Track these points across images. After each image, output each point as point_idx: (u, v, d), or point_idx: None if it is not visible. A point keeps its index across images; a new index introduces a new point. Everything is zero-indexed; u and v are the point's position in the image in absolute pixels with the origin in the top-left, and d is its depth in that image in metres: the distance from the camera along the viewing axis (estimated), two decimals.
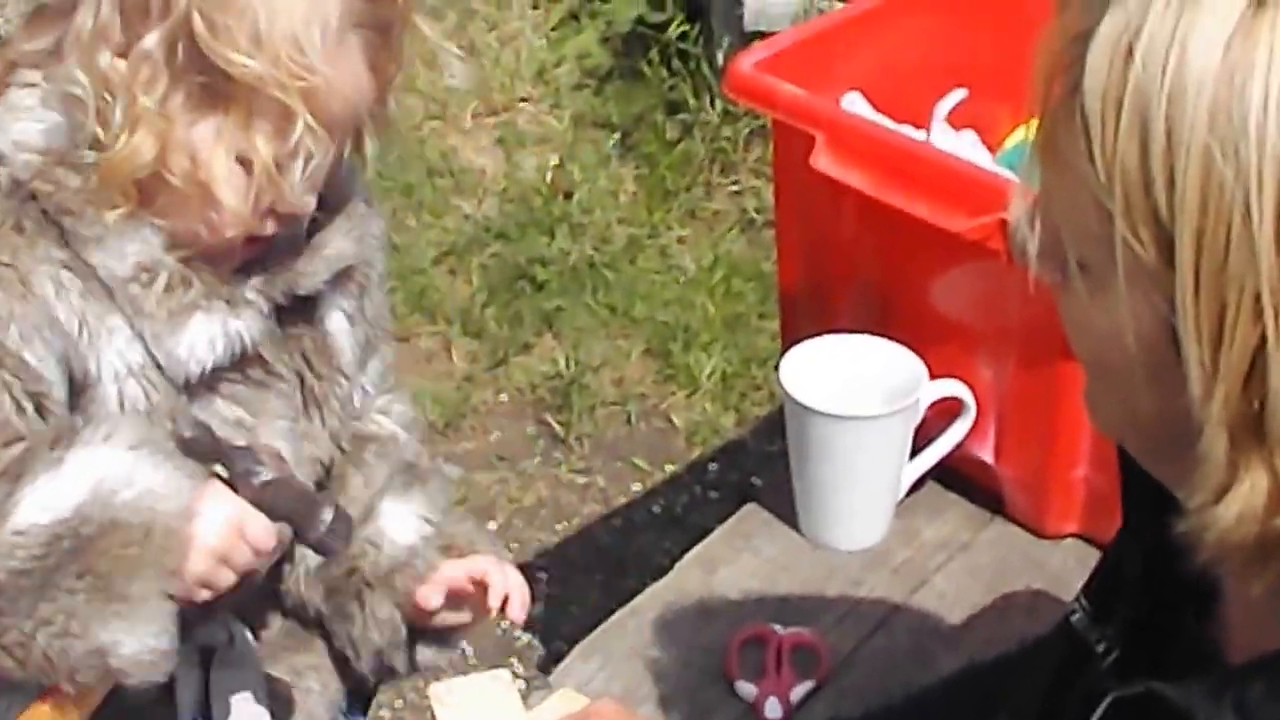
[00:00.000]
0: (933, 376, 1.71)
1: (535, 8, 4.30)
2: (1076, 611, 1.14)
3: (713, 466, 3.06)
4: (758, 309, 3.31)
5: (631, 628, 1.66)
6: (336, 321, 1.49)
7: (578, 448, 3.11)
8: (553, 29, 4.20)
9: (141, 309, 1.34)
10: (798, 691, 1.57)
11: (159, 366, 1.36)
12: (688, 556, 1.76)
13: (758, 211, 3.58)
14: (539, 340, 3.34)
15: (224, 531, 1.30)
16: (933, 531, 1.77)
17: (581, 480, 3.05)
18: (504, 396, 3.24)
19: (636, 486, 3.04)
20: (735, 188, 3.68)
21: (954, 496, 1.81)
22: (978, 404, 1.73)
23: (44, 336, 1.32)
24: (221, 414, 1.41)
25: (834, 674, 1.60)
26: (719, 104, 3.69)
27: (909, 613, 1.68)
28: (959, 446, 1.75)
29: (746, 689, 1.57)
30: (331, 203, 1.43)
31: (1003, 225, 1.56)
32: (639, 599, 1.70)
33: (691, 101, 3.72)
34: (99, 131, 1.32)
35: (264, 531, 1.33)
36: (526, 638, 2.75)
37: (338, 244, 1.45)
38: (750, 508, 1.80)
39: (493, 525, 2.96)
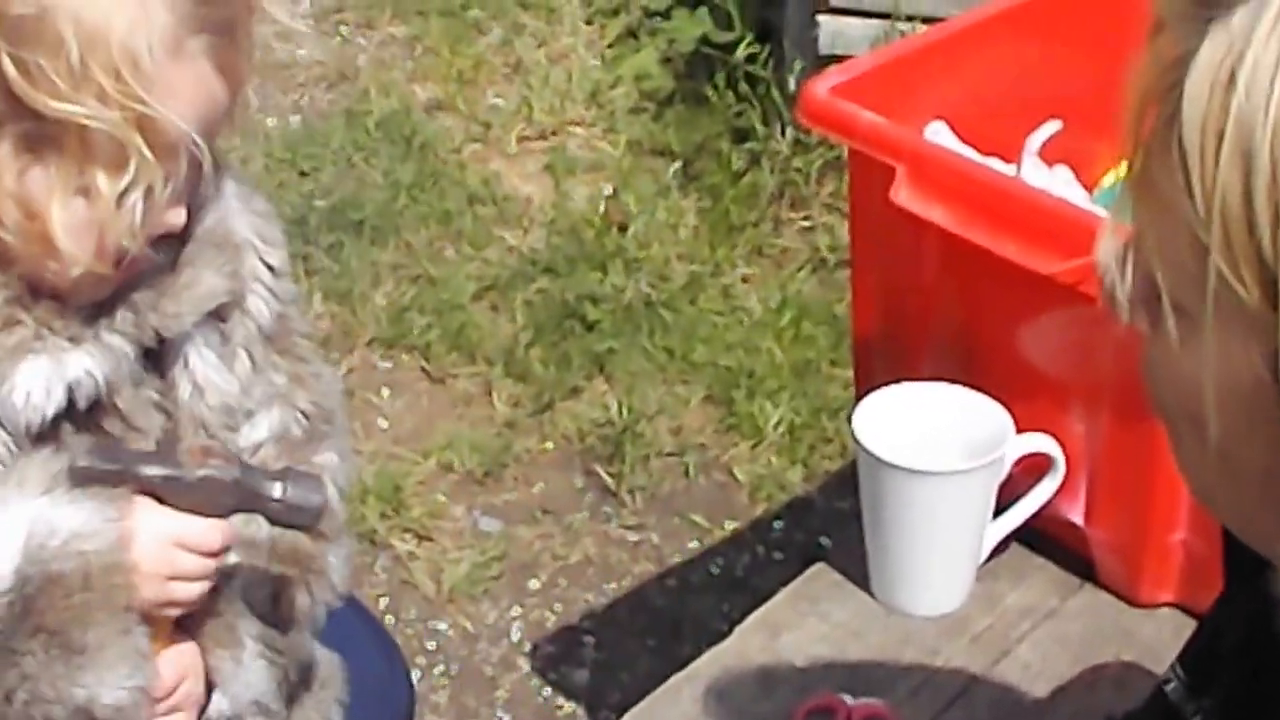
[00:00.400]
0: (1019, 430, 1.74)
1: (589, 23, 4.37)
2: (1171, 681, 1.18)
3: (777, 525, 3.10)
4: (829, 355, 3.35)
5: (686, 695, 1.70)
6: (206, 367, 1.51)
7: (630, 501, 3.16)
8: (609, 46, 4.27)
9: None
10: None
11: None
12: (749, 620, 1.79)
13: (831, 250, 3.63)
14: (588, 384, 3.39)
15: (161, 550, 1.36)
16: (1016, 597, 1.80)
17: (633, 537, 3.10)
18: (549, 444, 3.29)
19: (694, 545, 3.09)
20: (806, 224, 3.73)
21: (1040, 560, 1.84)
22: (1068, 461, 1.75)
23: None
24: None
25: None
26: (790, 132, 3.75)
27: (989, 685, 1.71)
28: (1046, 506, 1.78)
29: None
30: (197, 225, 1.46)
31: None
32: (695, 664, 1.73)
33: (760, 129, 3.77)
34: None
35: (204, 534, 1.39)
36: (571, 706, 2.79)
37: (208, 281, 1.47)
38: (818, 568, 1.84)
39: (535, 584, 3.01)
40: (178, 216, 1.41)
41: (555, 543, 3.09)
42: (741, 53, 3.84)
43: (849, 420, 1.75)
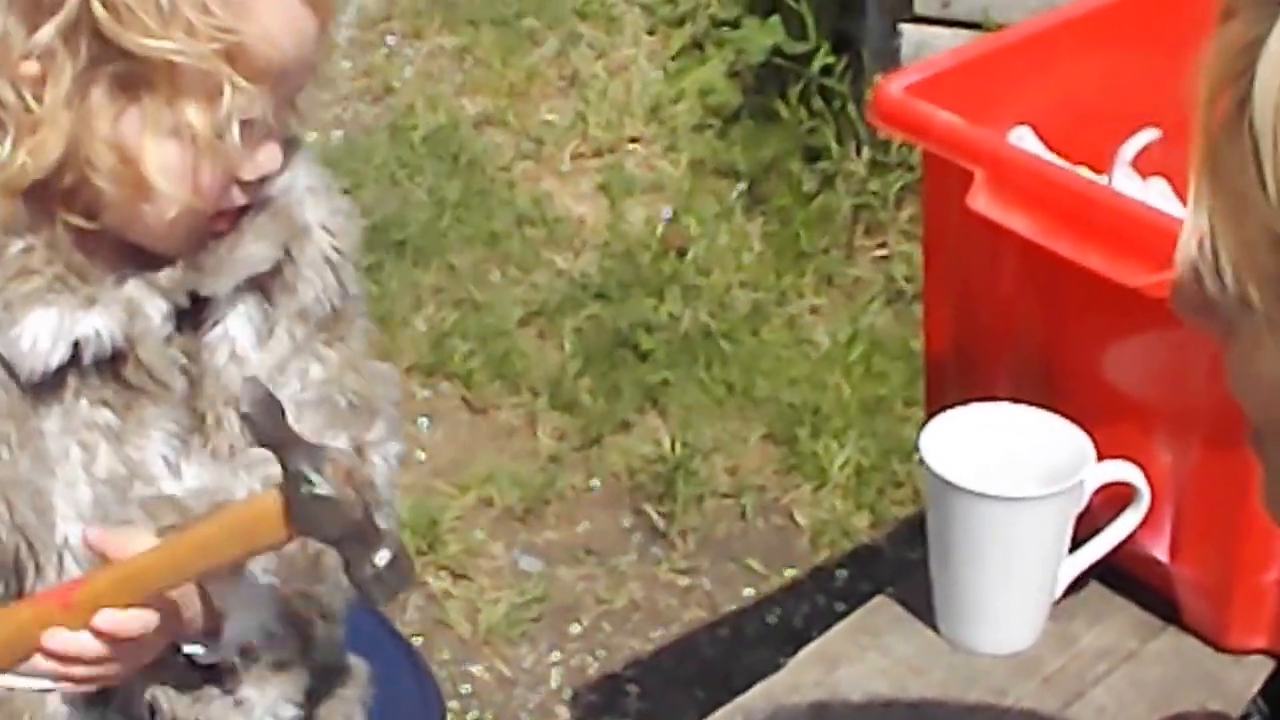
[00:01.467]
0: (1100, 458, 1.77)
1: (651, 34, 4.43)
2: (1252, 716, 1.21)
3: (840, 573, 3.14)
4: (902, 393, 3.40)
5: None
6: (242, 334, 1.59)
7: (681, 544, 3.20)
8: (672, 58, 4.33)
9: None
10: None
11: (2, 357, 1.49)
12: (805, 651, 1.83)
13: (907, 280, 3.68)
14: (640, 418, 3.44)
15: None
16: (1093, 638, 1.83)
17: (684, 581, 3.14)
18: (596, 481, 3.34)
19: (749, 592, 3.13)
20: (882, 252, 3.78)
21: (1120, 600, 1.87)
22: (1153, 491, 1.79)
23: None
24: (83, 415, 1.52)
25: None
26: (867, 151, 3.80)
27: None
28: (1128, 540, 1.81)
29: None
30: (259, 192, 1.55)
31: None
32: (746, 696, 1.78)
33: (834, 148, 3.83)
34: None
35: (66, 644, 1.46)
36: None
37: (250, 247, 1.56)
38: (880, 600, 1.88)
39: (577, 628, 3.06)
40: (272, 157, 1.52)
41: (599, 585, 3.13)
42: (817, 65, 3.89)
43: (917, 446, 1.79)
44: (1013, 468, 1.77)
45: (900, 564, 3.10)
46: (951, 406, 1.82)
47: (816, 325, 3.62)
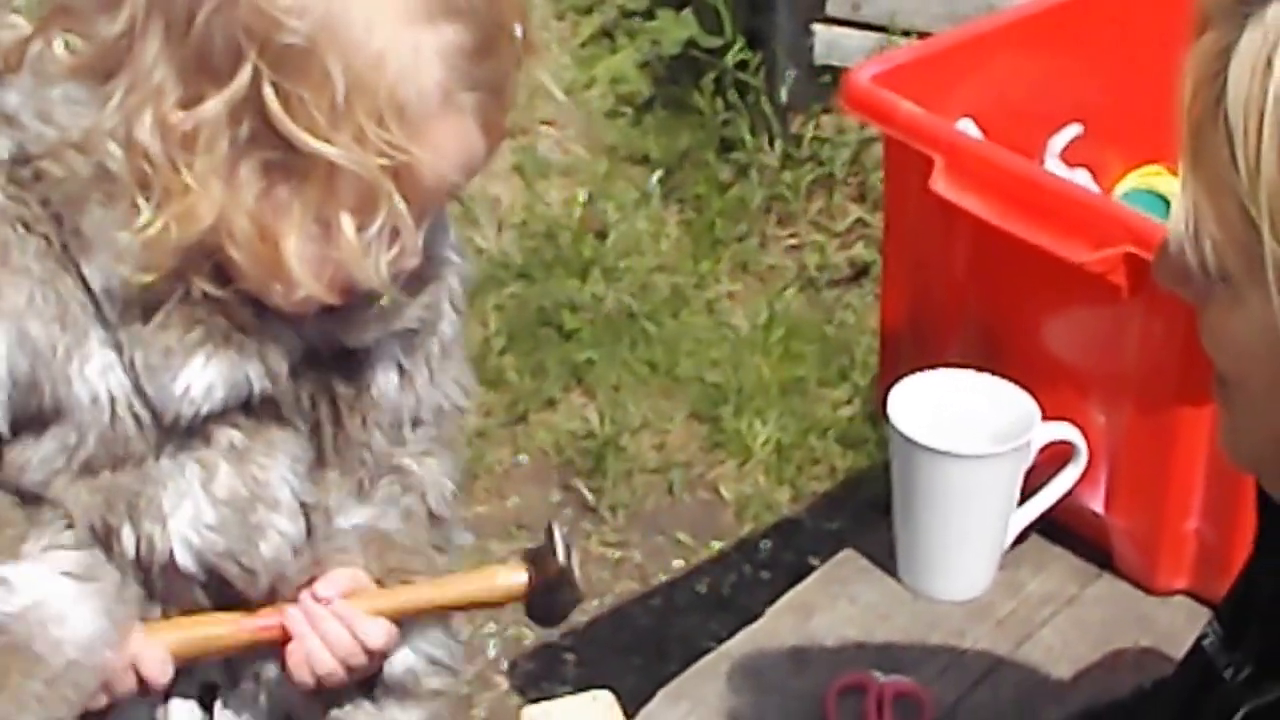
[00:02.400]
0: (1043, 419, 1.99)
1: (560, 19, 4.56)
2: (1208, 635, 1.39)
3: (764, 544, 3.33)
4: (818, 374, 3.60)
5: (723, 671, 1.93)
6: (385, 380, 1.65)
7: (611, 518, 3.38)
8: (581, 46, 4.48)
9: (136, 333, 1.48)
10: None
11: (145, 398, 1.51)
12: (781, 601, 2.03)
13: (819, 269, 3.88)
14: (565, 395, 3.60)
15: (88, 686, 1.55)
16: (1038, 585, 2.05)
17: (615, 554, 3.32)
18: (524, 457, 3.50)
19: (678, 563, 3.31)
20: (793, 241, 3.98)
21: (1059, 550, 2.09)
22: (1089, 450, 2.01)
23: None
24: (215, 438, 1.55)
25: None
26: (779, 145, 4.00)
27: (1014, 666, 1.95)
28: (1069, 494, 2.03)
29: None
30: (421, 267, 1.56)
31: (1127, 259, 1.85)
32: (730, 643, 1.96)
33: (748, 139, 4.02)
34: (138, 197, 1.43)
35: (157, 669, 1.59)
36: None
37: (405, 309, 1.59)
38: (846, 554, 2.08)
39: None
40: (415, 258, 1.51)
41: None
42: (732, 58, 4.08)
43: (883, 407, 1.99)
44: (968, 428, 1.98)
45: (820, 534, 3.30)
46: (906, 373, 2.02)
47: (734, 310, 3.81)
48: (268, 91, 1.37)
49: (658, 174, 4.09)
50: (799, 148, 3.99)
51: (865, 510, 3.18)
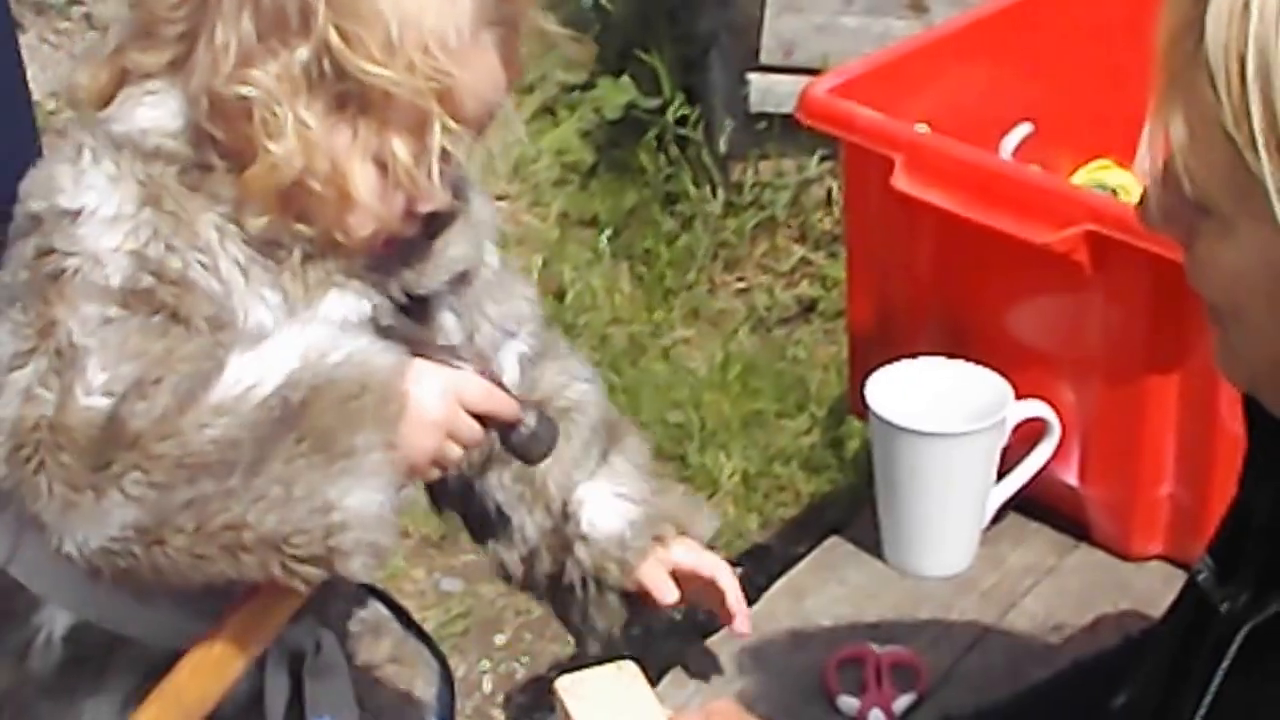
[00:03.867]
0: (1016, 399, 2.03)
1: None
2: (1202, 571, 1.41)
3: (736, 571, 3.33)
4: (777, 406, 3.64)
5: (725, 652, 1.97)
6: (447, 319, 1.78)
7: None
8: (526, 122, 4.55)
9: (279, 280, 1.62)
10: (900, 703, 1.88)
11: None
12: (774, 587, 2.07)
13: (768, 309, 3.92)
14: None
15: (443, 401, 1.55)
16: (1018, 558, 2.09)
17: None
18: None
19: None
20: (742, 285, 4.02)
21: (1036, 525, 2.13)
22: (1062, 426, 2.05)
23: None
24: None
25: (933, 689, 1.90)
26: (721, 194, 4.05)
27: (1002, 633, 1.99)
28: (1044, 469, 2.07)
29: (849, 703, 1.88)
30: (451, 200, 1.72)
31: (1088, 238, 1.90)
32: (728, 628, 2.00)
33: (691, 191, 4.07)
34: (233, 143, 1.60)
35: (484, 395, 1.60)
36: None
37: (458, 247, 1.74)
38: (833, 541, 2.12)
39: (501, 639, 3.25)
40: (447, 197, 1.66)
41: (518, 599, 3.30)
42: (671, 115, 4.14)
43: (861, 394, 2.03)
44: (944, 411, 2.02)
45: (790, 558, 3.30)
46: (876, 367, 2.06)
47: (691, 354, 3.85)
48: (331, 34, 1.56)
49: (607, 233, 4.13)
50: (740, 194, 4.04)
51: (832, 532, 3.20)
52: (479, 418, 1.61)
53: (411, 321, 1.70)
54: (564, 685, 1.69)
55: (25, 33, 4.92)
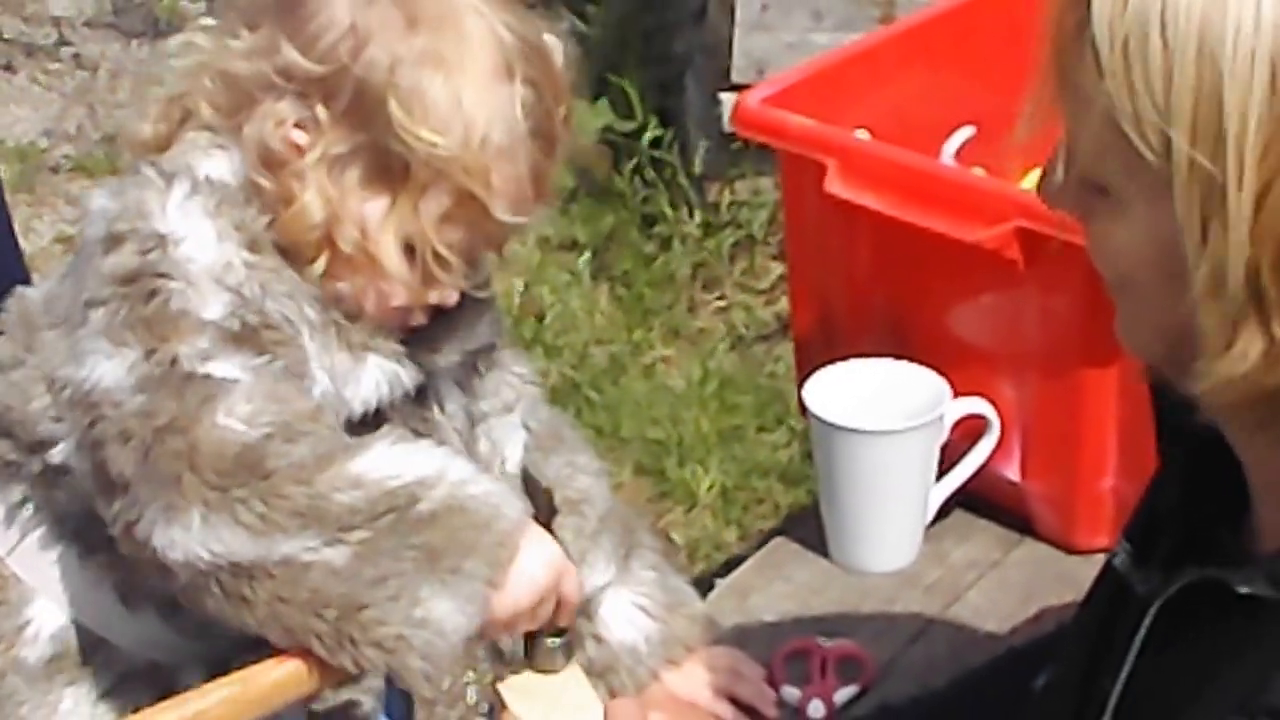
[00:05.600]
0: (955, 396, 2.04)
1: None
2: (1119, 554, 1.44)
3: (718, 582, 3.36)
4: (754, 421, 3.66)
5: None
6: (451, 398, 1.82)
7: None
8: None
9: (330, 343, 1.66)
10: (841, 694, 1.88)
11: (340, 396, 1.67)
12: (720, 587, 2.08)
13: (747, 327, 3.94)
14: None
15: (546, 571, 1.60)
16: (962, 553, 2.09)
17: None
18: None
19: None
20: (721, 303, 4.05)
21: (982, 522, 2.13)
22: (1002, 421, 2.06)
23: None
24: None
25: (877, 681, 1.91)
26: (699, 215, 4.07)
27: (945, 625, 1.99)
28: (986, 465, 2.07)
29: (791, 693, 1.89)
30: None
31: (1019, 234, 1.91)
32: None
33: (669, 213, 4.10)
34: (275, 199, 1.64)
35: (577, 586, 1.65)
36: None
37: (478, 331, 1.79)
38: (778, 541, 2.13)
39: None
40: (456, 294, 1.71)
41: None
42: (646, 139, 4.16)
43: (799, 396, 2.04)
44: (882, 410, 2.03)
45: None
46: (820, 368, 2.08)
47: (670, 372, 3.88)
48: (392, 103, 1.59)
49: (586, 256, 4.16)
50: (717, 214, 4.07)
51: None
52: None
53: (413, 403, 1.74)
54: (506, 685, 1.71)
55: (16, 74, 4.98)
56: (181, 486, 1.51)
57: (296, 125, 1.63)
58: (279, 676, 1.57)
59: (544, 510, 1.67)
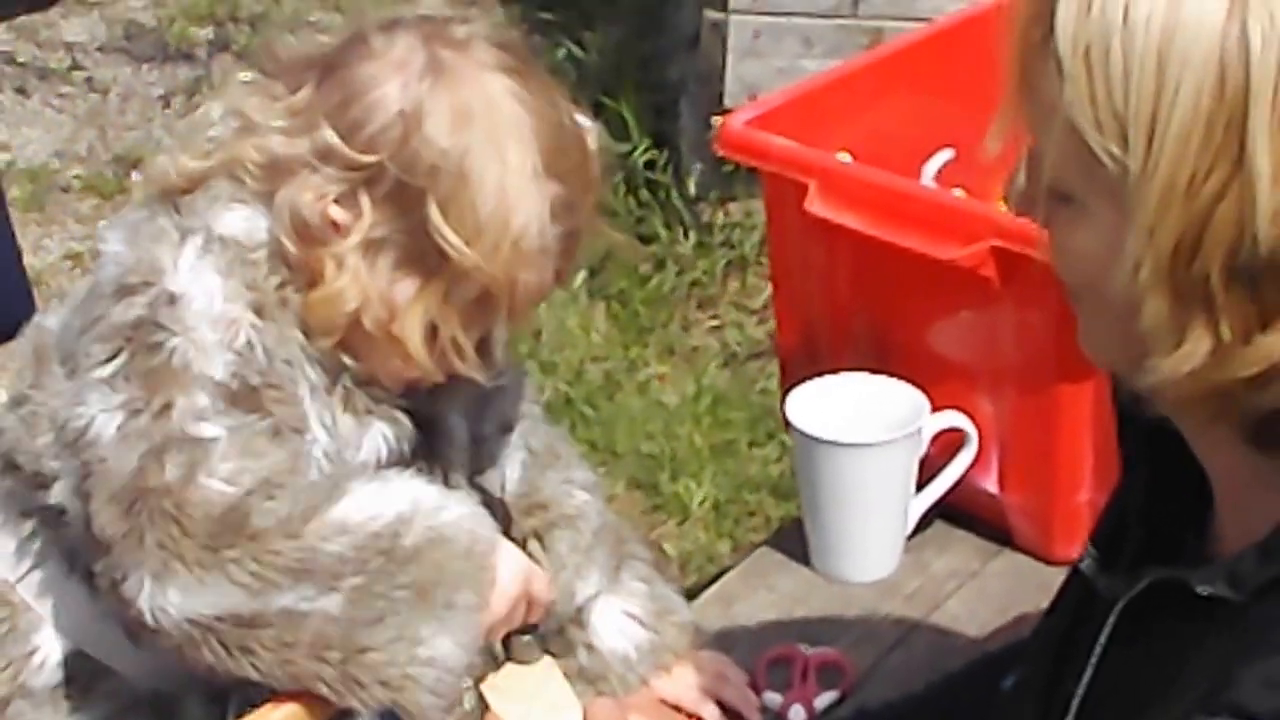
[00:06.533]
0: (934, 410, 2.07)
1: None
2: (1086, 559, 1.46)
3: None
4: (748, 436, 3.68)
5: None
6: (456, 425, 1.83)
7: None
8: None
9: (332, 404, 1.68)
10: (822, 700, 1.91)
11: (340, 455, 1.68)
12: (705, 595, 2.11)
13: (740, 344, 3.97)
14: None
15: (517, 581, 1.64)
16: (942, 564, 2.12)
17: None
18: None
19: None
20: (715, 322, 4.07)
21: (961, 533, 2.16)
22: (980, 435, 2.08)
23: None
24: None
25: (857, 687, 1.93)
26: (693, 235, 4.10)
27: (926, 632, 2.02)
28: (964, 478, 2.10)
29: (773, 698, 1.91)
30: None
31: (994, 253, 1.94)
32: None
33: (663, 233, 4.13)
34: (302, 269, 1.64)
35: (545, 585, 1.69)
36: None
37: (478, 385, 1.77)
38: (762, 550, 2.16)
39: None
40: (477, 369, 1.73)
41: None
42: (640, 159, 4.19)
43: (781, 410, 2.07)
44: (862, 423, 2.06)
45: None
46: (804, 382, 2.10)
47: (664, 389, 3.90)
48: (430, 202, 1.60)
49: (582, 274, 4.18)
50: (711, 235, 4.10)
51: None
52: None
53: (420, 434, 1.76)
54: (489, 685, 1.74)
55: (29, 98, 5.01)
56: (172, 549, 1.54)
57: (336, 201, 1.63)
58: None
59: (501, 519, 1.71)
